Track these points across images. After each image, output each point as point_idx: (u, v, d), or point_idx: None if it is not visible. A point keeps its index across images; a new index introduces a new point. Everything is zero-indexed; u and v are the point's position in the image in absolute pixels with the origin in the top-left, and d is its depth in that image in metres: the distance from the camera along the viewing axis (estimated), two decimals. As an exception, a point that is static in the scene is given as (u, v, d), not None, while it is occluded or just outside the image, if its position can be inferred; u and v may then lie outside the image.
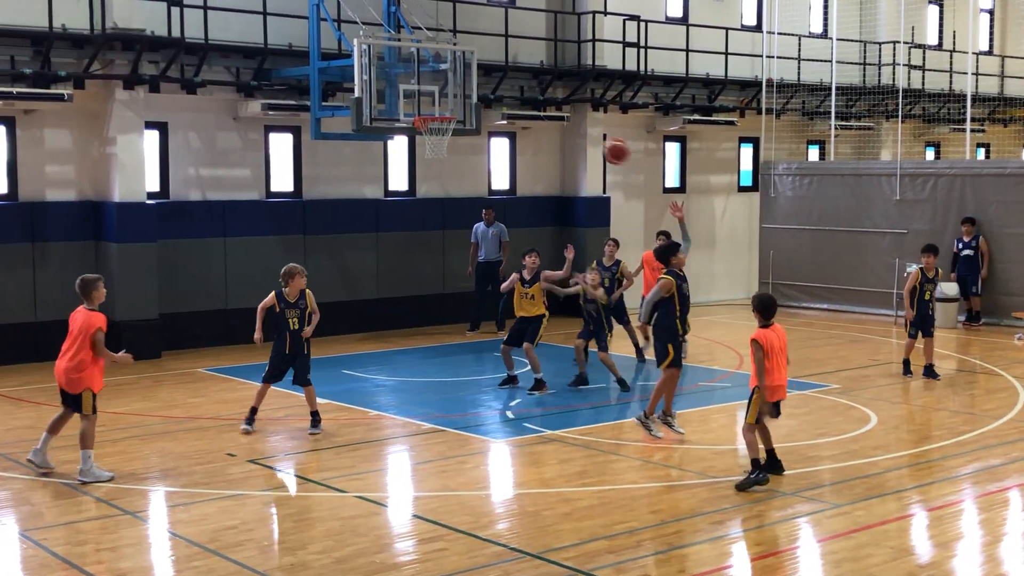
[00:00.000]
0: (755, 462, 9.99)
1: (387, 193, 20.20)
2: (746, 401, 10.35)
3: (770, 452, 10.34)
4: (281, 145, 19.00)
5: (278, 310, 12.12)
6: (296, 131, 18.94)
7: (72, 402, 10.45)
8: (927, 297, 15.36)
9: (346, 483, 10.27)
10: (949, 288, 20.29)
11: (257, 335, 12.29)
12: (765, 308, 10.39)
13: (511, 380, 14.61)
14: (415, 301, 20.15)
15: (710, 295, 24.46)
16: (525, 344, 14.25)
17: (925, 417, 13.20)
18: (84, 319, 10.64)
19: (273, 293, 12.17)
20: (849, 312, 22.18)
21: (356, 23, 17.27)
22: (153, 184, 17.55)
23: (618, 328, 16.08)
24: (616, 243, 16.75)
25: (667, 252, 11.96)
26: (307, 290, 12.24)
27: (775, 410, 10.29)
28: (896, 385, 15.15)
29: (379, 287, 19.74)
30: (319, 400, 13.84)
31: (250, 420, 12.33)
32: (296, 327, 12.16)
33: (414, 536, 8.91)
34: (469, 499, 9.91)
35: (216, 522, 9.10)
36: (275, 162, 18.96)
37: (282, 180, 19.02)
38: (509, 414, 13.22)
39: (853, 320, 21.33)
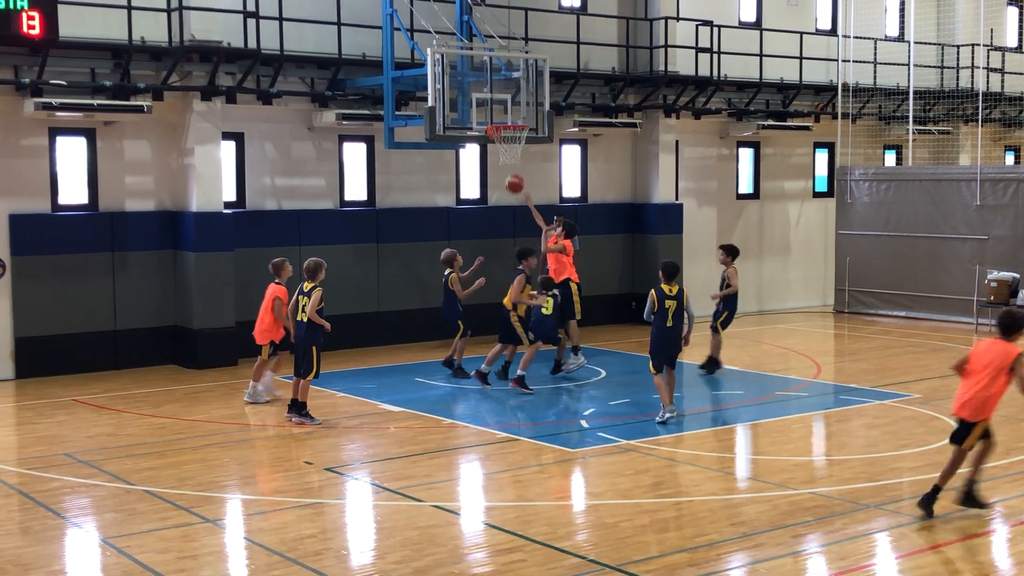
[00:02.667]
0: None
1: (459, 201, 20.25)
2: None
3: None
4: (355, 154, 19.14)
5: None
6: (370, 140, 19.07)
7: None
8: None
9: (422, 492, 10.28)
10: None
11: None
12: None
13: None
14: (488, 309, 20.12)
15: (785, 303, 24.16)
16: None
17: (1010, 428, 12.87)
18: (271, 291, 14.27)
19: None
20: (928, 320, 21.75)
21: (429, 32, 17.35)
22: (230, 194, 17.78)
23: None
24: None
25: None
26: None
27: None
28: (979, 395, 14.80)
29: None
30: (393, 408, 13.94)
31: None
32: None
33: (491, 546, 8.88)
34: (546, 509, 9.87)
35: (294, 530, 9.16)
36: (349, 171, 19.10)
37: (356, 189, 19.16)
38: (584, 423, 13.15)
39: (932, 328, 20.92)
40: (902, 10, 26.09)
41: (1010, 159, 28.22)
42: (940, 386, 15.17)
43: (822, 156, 25.16)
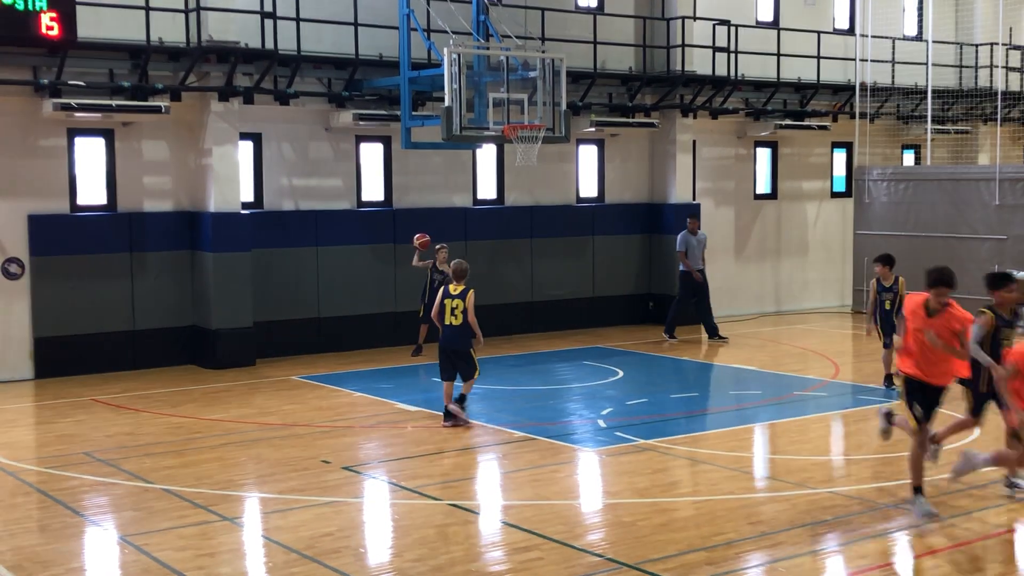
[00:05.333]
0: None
1: (476, 201, 20.26)
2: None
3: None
4: (372, 155, 19.17)
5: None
6: (387, 141, 19.09)
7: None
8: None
9: (439, 491, 10.28)
10: None
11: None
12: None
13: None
14: (504, 309, 20.13)
15: (803, 303, 24.09)
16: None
17: (1031, 428, 12.78)
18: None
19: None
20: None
21: (446, 32, 17.36)
22: (248, 194, 17.83)
23: None
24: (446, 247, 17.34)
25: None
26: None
27: None
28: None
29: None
30: (410, 408, 13.97)
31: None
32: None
33: (508, 545, 8.87)
34: (563, 508, 9.85)
35: (312, 529, 9.17)
36: (366, 172, 19.13)
37: (373, 189, 19.19)
38: (601, 423, 13.13)
39: (951, 328, 20.75)
40: (920, 9, 25.98)
41: (1030, 159, 28.04)
42: (957, 387, 15.04)
43: (840, 156, 25.07)
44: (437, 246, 17.43)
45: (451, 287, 12.91)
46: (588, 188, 21.68)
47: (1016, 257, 20.60)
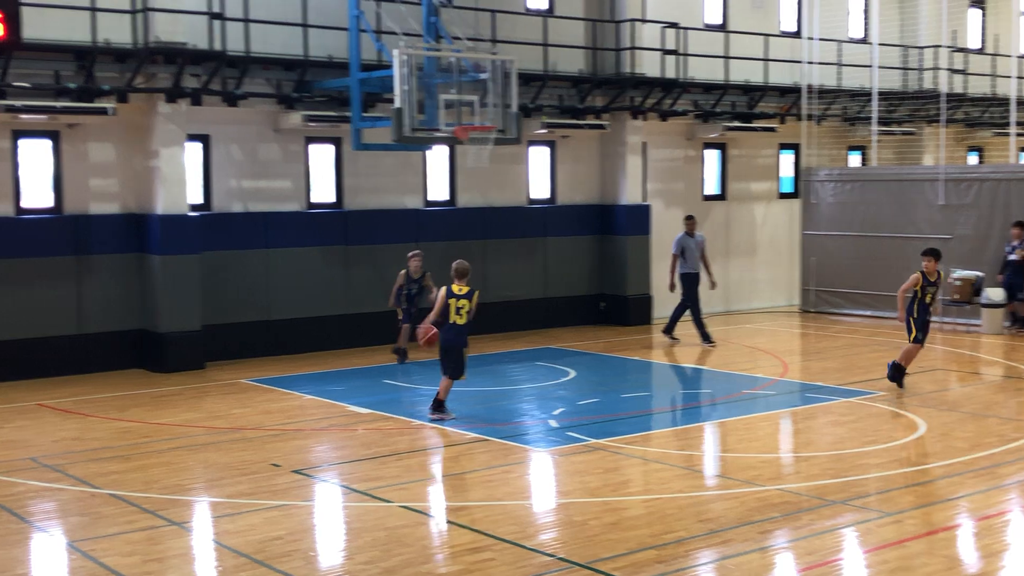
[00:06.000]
0: None
1: (427, 203, 20.24)
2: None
3: None
4: (322, 156, 19.08)
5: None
6: (337, 142, 19.02)
7: None
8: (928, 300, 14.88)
9: (391, 493, 10.26)
10: (995, 293, 20.03)
11: None
12: None
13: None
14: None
15: (752, 303, 24.31)
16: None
17: (974, 424, 13.01)
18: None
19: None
20: (893, 319, 21.87)
21: (396, 34, 17.33)
22: (196, 196, 17.67)
23: None
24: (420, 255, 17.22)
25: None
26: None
27: None
28: (944, 392, 14.96)
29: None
30: (361, 410, 13.92)
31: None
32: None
33: (460, 546, 8.87)
34: (515, 509, 9.87)
35: (262, 532, 9.11)
36: (316, 173, 19.04)
37: (323, 191, 19.10)
38: (553, 423, 13.16)
39: (897, 327, 21.00)
40: (866, 12, 26.33)
41: (973, 159, 28.52)
42: (905, 383, 15.30)
43: (787, 157, 25.34)
44: (410, 253, 17.24)
45: (455, 287, 13.09)
46: (540, 189, 21.73)
47: (960, 257, 20.95)
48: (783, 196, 25.24)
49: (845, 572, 8.25)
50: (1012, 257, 20.05)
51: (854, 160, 26.39)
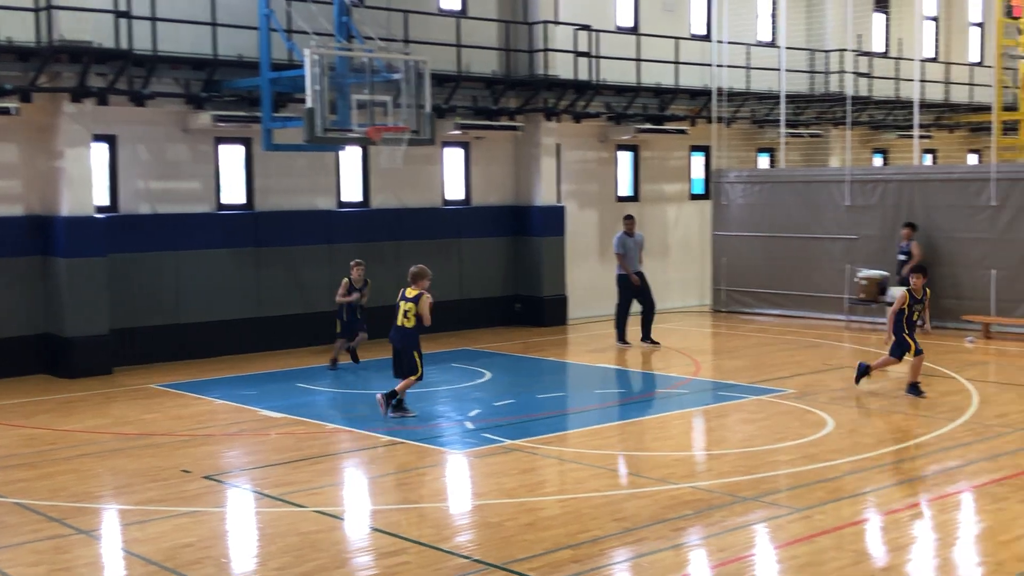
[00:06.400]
0: None
1: (340, 204, 20.08)
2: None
3: None
4: (232, 157, 18.82)
5: None
6: (247, 142, 18.78)
7: None
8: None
9: (304, 498, 10.15)
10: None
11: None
12: None
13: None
14: (369, 313, 19.97)
15: (664, 303, 24.47)
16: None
17: (881, 420, 13.31)
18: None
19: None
20: (802, 318, 22.35)
21: (307, 33, 17.17)
22: (102, 198, 17.30)
23: None
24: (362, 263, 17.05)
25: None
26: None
27: None
28: (851, 389, 15.27)
29: (333, 299, 19.54)
30: (273, 414, 13.76)
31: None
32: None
33: (375, 550, 8.81)
34: (430, 511, 9.83)
35: (172, 540, 8.95)
36: (226, 174, 18.78)
37: (233, 192, 18.84)
38: (468, 424, 13.15)
39: (806, 325, 21.50)
40: (773, 17, 26.77)
41: (878, 161, 29.17)
42: (814, 381, 15.61)
43: (698, 159, 25.66)
44: (352, 262, 17.02)
45: (407, 291, 13.28)
46: (454, 191, 21.71)
47: (866, 256, 21.42)
48: (694, 197, 25.55)
49: (757, 568, 8.37)
50: (901, 257, 20.57)
51: (763, 162, 26.82)
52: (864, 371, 14.95)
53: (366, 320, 17.18)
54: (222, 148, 18.66)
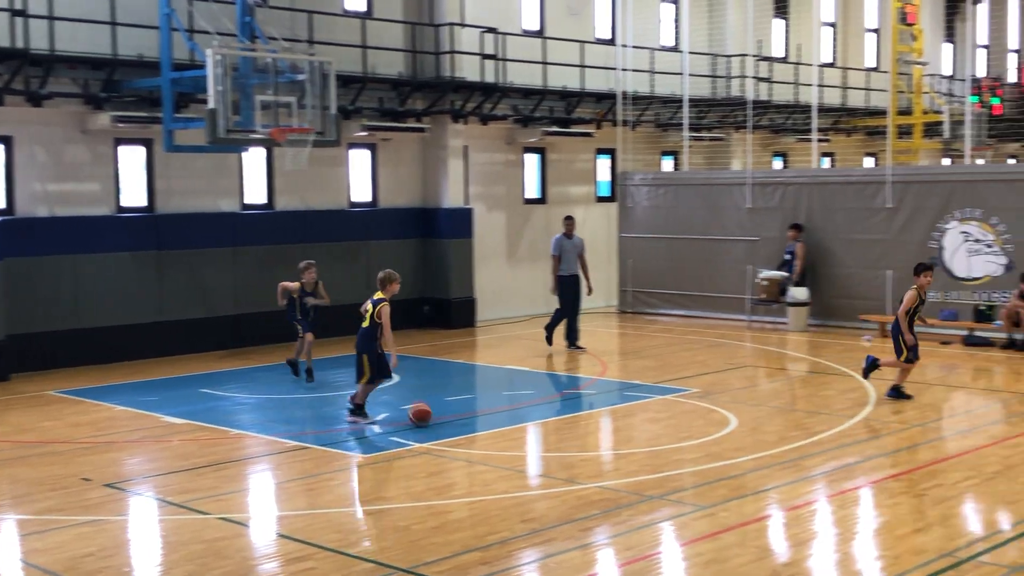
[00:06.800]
0: None
1: (244, 206, 19.82)
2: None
3: None
4: (132, 158, 18.47)
5: None
6: (148, 143, 18.44)
7: None
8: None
9: (208, 504, 10.00)
10: (799, 292, 20.95)
11: None
12: None
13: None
14: (275, 316, 19.74)
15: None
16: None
17: (782, 418, 13.58)
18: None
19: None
20: (705, 318, 22.70)
21: (209, 33, 16.93)
22: (-3, 200, 16.87)
23: None
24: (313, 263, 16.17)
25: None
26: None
27: None
28: (753, 388, 15.57)
29: (237, 303, 19.33)
30: (176, 420, 13.53)
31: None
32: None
33: (281, 556, 8.72)
34: (337, 516, 9.76)
35: (73, 549, 8.75)
36: (126, 176, 18.42)
37: (134, 194, 18.49)
38: (376, 428, 13.09)
39: (709, 325, 21.84)
40: (676, 21, 27.14)
41: (778, 164, 29.75)
42: (717, 380, 15.86)
43: (604, 162, 25.90)
44: (303, 264, 15.99)
45: (375, 294, 13.26)
46: (361, 193, 21.59)
47: (767, 257, 21.83)
48: (600, 200, 25.78)
49: (662, 566, 8.48)
50: (786, 257, 21.06)
51: (667, 165, 27.17)
52: (873, 365, 14.54)
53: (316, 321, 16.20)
54: (122, 149, 18.29)
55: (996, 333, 18.66)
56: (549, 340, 19.03)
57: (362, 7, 21.25)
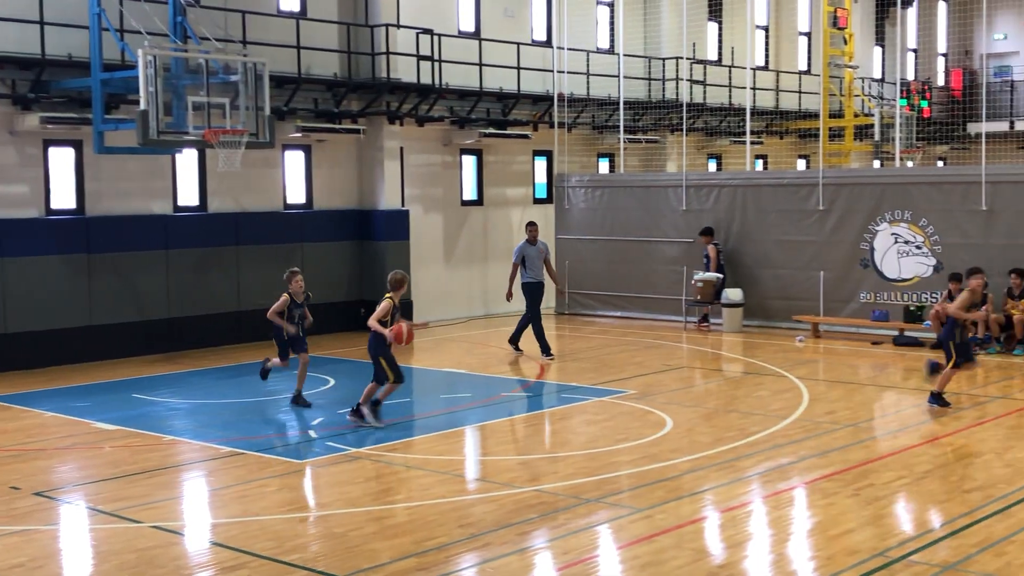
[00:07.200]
0: None
1: (176, 208, 19.55)
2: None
3: None
4: (62, 160, 18.13)
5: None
6: (78, 145, 18.12)
7: None
8: None
9: (141, 513, 9.84)
10: (734, 294, 21.16)
11: None
12: None
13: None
14: (209, 320, 19.57)
15: (510, 306, 24.67)
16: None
17: (718, 419, 13.69)
18: None
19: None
20: (641, 319, 22.84)
21: (140, 33, 16.68)
22: (-80, 202, 16.47)
23: None
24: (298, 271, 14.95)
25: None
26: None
27: None
28: (689, 389, 15.68)
29: (170, 306, 19.07)
30: (107, 426, 13.30)
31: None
32: None
33: (216, 564, 8.60)
34: (272, 523, 9.65)
35: (1, 560, 8.56)
36: (55, 178, 18.08)
37: (63, 197, 18.15)
38: (312, 433, 12.97)
39: (646, 327, 21.98)
40: (612, 24, 27.27)
41: (712, 166, 30.02)
42: (654, 382, 15.96)
43: (541, 163, 25.95)
44: (292, 271, 14.43)
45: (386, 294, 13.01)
46: (296, 194, 21.40)
47: (702, 258, 21.99)
48: (538, 201, 25.82)
49: (600, 570, 8.49)
50: (704, 261, 21.36)
51: (604, 167, 27.29)
52: (935, 368, 13.93)
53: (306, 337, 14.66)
54: (51, 151, 17.96)
55: (925, 333, 18.98)
56: (517, 346, 18.69)
57: (296, 7, 21.08)
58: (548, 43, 25.40)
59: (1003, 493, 10.13)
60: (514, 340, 18.86)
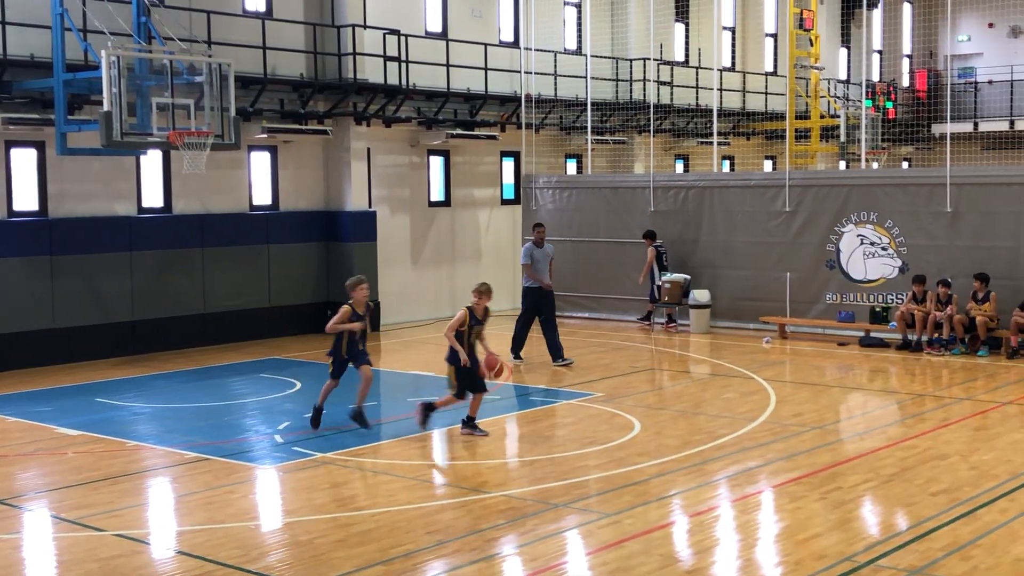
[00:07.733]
0: None
1: (141, 210, 19.37)
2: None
3: None
4: (24, 161, 17.91)
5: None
6: (40, 146, 17.90)
7: None
8: None
9: (104, 521, 9.72)
10: (701, 295, 21.21)
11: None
12: None
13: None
14: (173, 322, 19.39)
15: (476, 307, 24.64)
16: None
17: (685, 422, 13.70)
18: None
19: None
20: (610, 320, 22.85)
21: (104, 33, 16.49)
22: None
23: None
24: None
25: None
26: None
27: None
28: (657, 391, 15.69)
29: (134, 309, 18.88)
30: (71, 432, 13.15)
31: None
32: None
33: (180, 573, 8.50)
34: (238, 531, 9.56)
35: (-41, 573, 8.44)
36: (17, 179, 17.85)
37: (26, 198, 17.93)
38: (278, 438, 12.87)
39: (614, 328, 21.99)
40: (579, 25, 27.27)
41: (680, 167, 30.09)
42: (621, 384, 15.96)
43: (509, 164, 25.91)
44: (353, 280, 12.92)
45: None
46: (261, 195, 21.25)
47: (670, 260, 22.03)
48: (505, 202, 25.78)
49: (570, 575, 8.47)
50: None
51: (571, 168, 27.29)
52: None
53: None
54: (13, 152, 17.74)
55: (891, 335, 19.10)
56: (519, 356, 18.17)
57: (262, 8, 20.93)
58: (516, 44, 25.36)
59: (969, 496, 10.19)
60: (516, 349, 18.29)
